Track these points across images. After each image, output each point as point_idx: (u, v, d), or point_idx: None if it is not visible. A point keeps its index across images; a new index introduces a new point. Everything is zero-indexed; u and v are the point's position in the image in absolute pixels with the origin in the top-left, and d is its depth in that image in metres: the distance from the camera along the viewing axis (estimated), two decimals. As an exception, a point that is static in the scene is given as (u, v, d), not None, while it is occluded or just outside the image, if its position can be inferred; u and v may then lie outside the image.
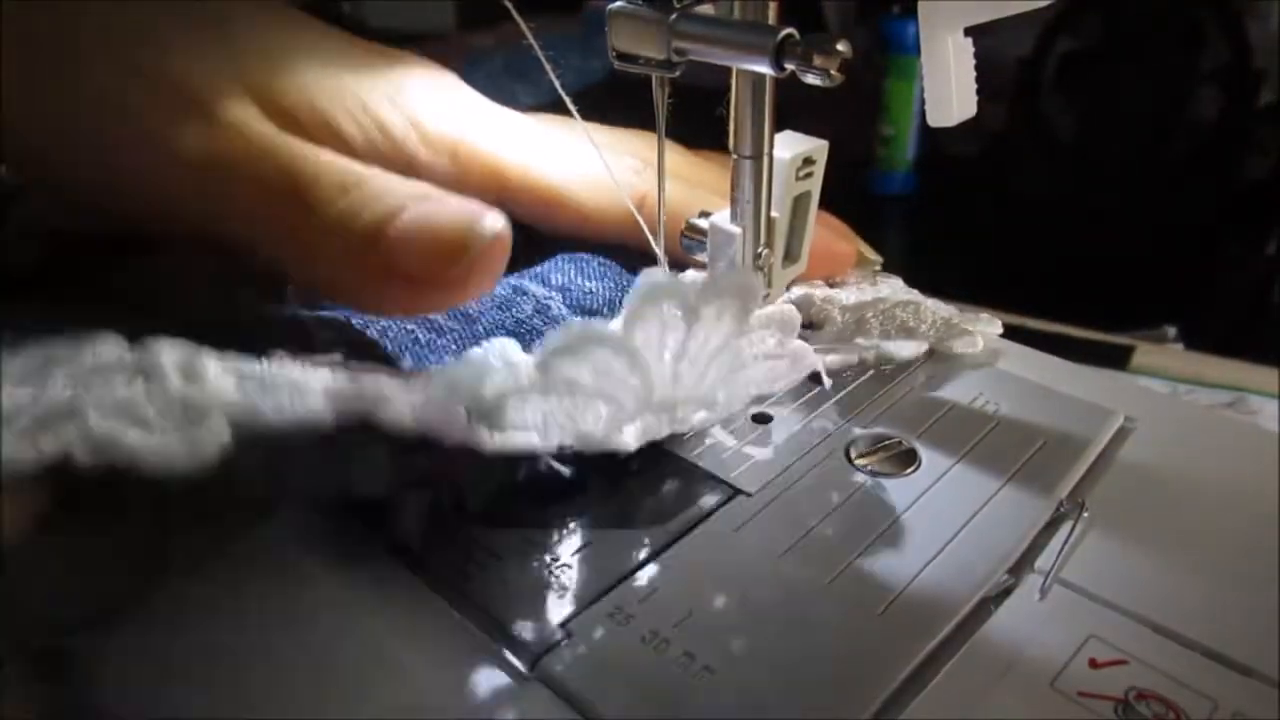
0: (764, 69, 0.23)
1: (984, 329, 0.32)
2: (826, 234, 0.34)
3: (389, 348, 0.29)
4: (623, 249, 0.33)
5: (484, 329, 0.30)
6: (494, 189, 0.33)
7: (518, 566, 0.23)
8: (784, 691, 0.20)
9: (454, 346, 0.29)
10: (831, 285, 0.35)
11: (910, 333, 0.31)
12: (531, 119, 0.35)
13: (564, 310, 0.32)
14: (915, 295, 0.34)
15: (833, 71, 0.22)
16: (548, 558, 0.24)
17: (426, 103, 0.32)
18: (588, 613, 0.22)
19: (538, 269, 0.33)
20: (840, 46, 0.22)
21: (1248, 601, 0.22)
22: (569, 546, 0.24)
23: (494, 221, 0.26)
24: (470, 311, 0.31)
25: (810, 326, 0.32)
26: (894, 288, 0.35)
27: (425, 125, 0.32)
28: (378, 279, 0.26)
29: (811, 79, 0.23)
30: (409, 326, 0.30)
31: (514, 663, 0.21)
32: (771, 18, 0.25)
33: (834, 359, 0.30)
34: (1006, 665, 0.21)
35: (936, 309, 0.33)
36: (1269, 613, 0.22)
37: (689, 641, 0.21)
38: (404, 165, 0.32)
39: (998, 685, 0.20)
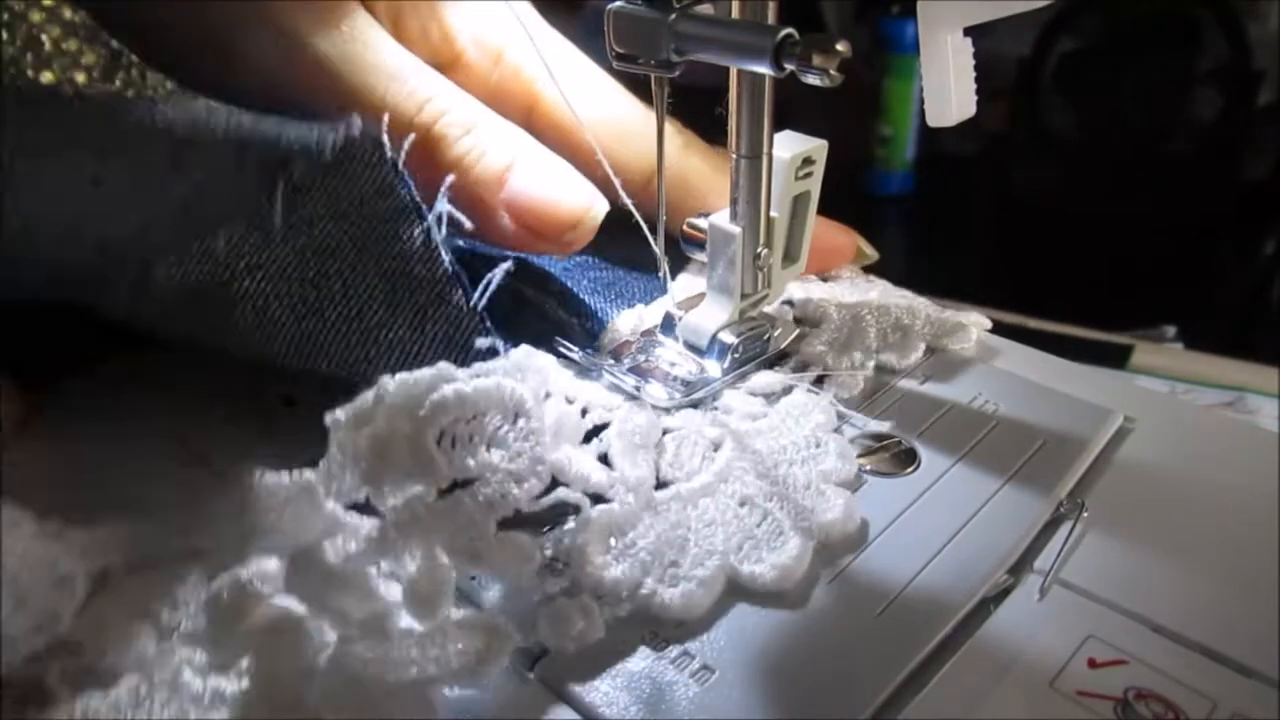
0: (764, 69, 0.23)
1: (975, 320, 0.33)
2: (825, 227, 0.34)
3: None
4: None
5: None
6: (523, 109, 0.34)
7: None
8: (784, 691, 0.20)
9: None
10: (825, 280, 0.35)
11: (905, 331, 0.31)
12: (584, 58, 0.35)
13: (561, 314, 0.31)
14: (906, 294, 0.34)
15: (832, 71, 0.22)
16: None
17: (485, 6, 0.34)
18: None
19: (536, 274, 0.33)
20: (840, 46, 0.22)
21: (1247, 601, 0.22)
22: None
23: (602, 205, 0.30)
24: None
25: (807, 324, 0.32)
26: (884, 289, 0.35)
27: (479, 26, 0.33)
28: (492, 217, 0.30)
29: (811, 79, 0.23)
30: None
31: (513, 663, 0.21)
32: (770, 17, 0.25)
33: (840, 381, 0.30)
34: (1006, 665, 0.21)
35: (928, 304, 0.33)
36: (1269, 613, 0.22)
37: (689, 642, 0.21)
38: (450, 59, 0.33)
39: (997, 685, 0.20)
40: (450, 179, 0.27)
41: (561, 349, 0.30)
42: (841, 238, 0.36)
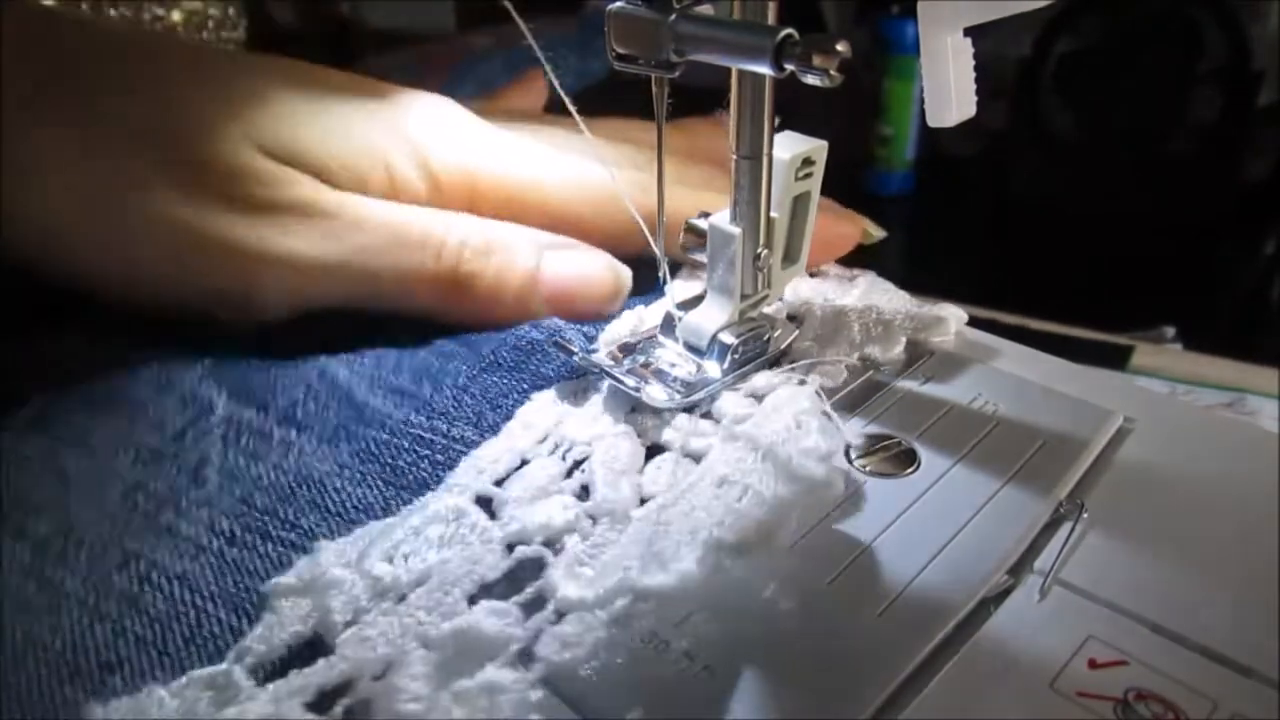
0: (764, 69, 0.23)
1: (952, 313, 0.33)
2: (827, 217, 0.34)
3: (406, 381, 0.29)
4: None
5: (489, 350, 0.31)
6: (466, 195, 0.34)
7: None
8: (784, 691, 0.20)
9: (464, 368, 0.30)
10: (812, 275, 0.35)
11: (887, 325, 0.31)
12: (510, 131, 0.35)
13: (558, 319, 0.32)
14: (888, 286, 0.34)
15: (832, 71, 0.22)
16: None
17: (432, 142, 0.33)
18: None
19: None
20: (840, 47, 0.22)
21: (1248, 601, 0.22)
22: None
23: (626, 272, 0.32)
24: (472, 335, 0.31)
25: (795, 320, 0.32)
26: (868, 284, 0.35)
27: (433, 164, 0.33)
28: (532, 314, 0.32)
29: (811, 79, 0.23)
30: (420, 352, 0.30)
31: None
32: (770, 18, 0.25)
33: (823, 371, 0.29)
34: (1006, 666, 0.21)
35: (908, 299, 0.33)
36: (1269, 613, 0.22)
37: (689, 642, 0.21)
38: (389, 190, 0.33)
39: (997, 686, 0.20)
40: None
41: (561, 346, 0.30)
42: (844, 225, 0.36)
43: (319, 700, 0.20)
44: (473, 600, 0.22)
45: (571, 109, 0.29)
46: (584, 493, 0.25)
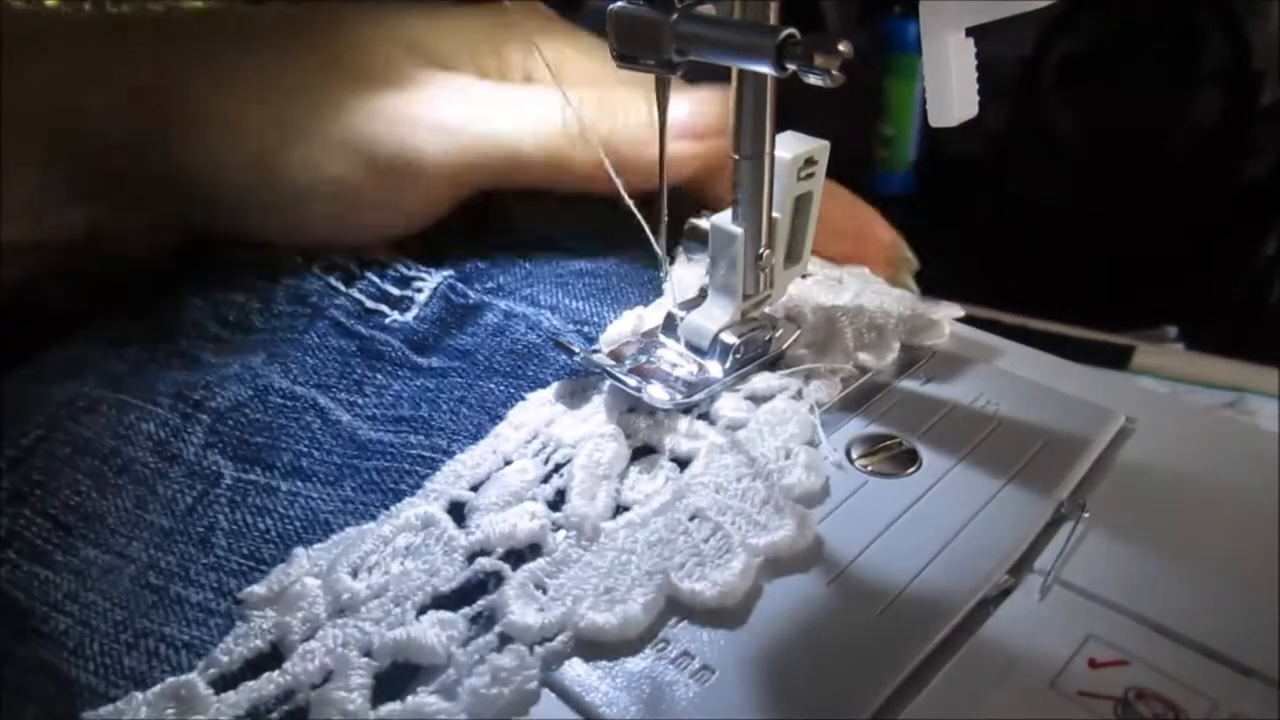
0: (766, 69, 0.23)
1: (945, 314, 0.33)
2: (877, 223, 0.36)
3: (406, 409, 0.29)
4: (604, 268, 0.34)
5: (484, 358, 0.31)
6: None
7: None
8: (784, 691, 0.20)
9: (461, 381, 0.30)
10: (804, 276, 0.35)
11: (880, 330, 0.31)
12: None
13: (556, 323, 0.32)
14: (880, 286, 0.34)
15: (834, 71, 0.22)
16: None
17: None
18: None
19: (525, 292, 0.33)
20: (842, 46, 0.22)
21: (1248, 601, 0.22)
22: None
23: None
24: (467, 347, 0.31)
25: (792, 322, 0.32)
26: (859, 284, 0.35)
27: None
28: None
29: (813, 79, 0.23)
30: (417, 379, 0.30)
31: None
32: (772, 17, 0.25)
33: (817, 385, 0.29)
34: (1006, 665, 0.21)
35: (900, 301, 0.33)
36: (1269, 613, 0.22)
37: (689, 642, 0.21)
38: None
39: (998, 685, 0.20)
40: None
41: (562, 346, 0.30)
42: (887, 234, 0.36)
43: (259, 711, 0.21)
44: (423, 611, 0.22)
45: (571, 105, 0.29)
46: (559, 498, 0.25)
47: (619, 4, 0.25)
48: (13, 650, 0.24)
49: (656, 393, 0.28)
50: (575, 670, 0.21)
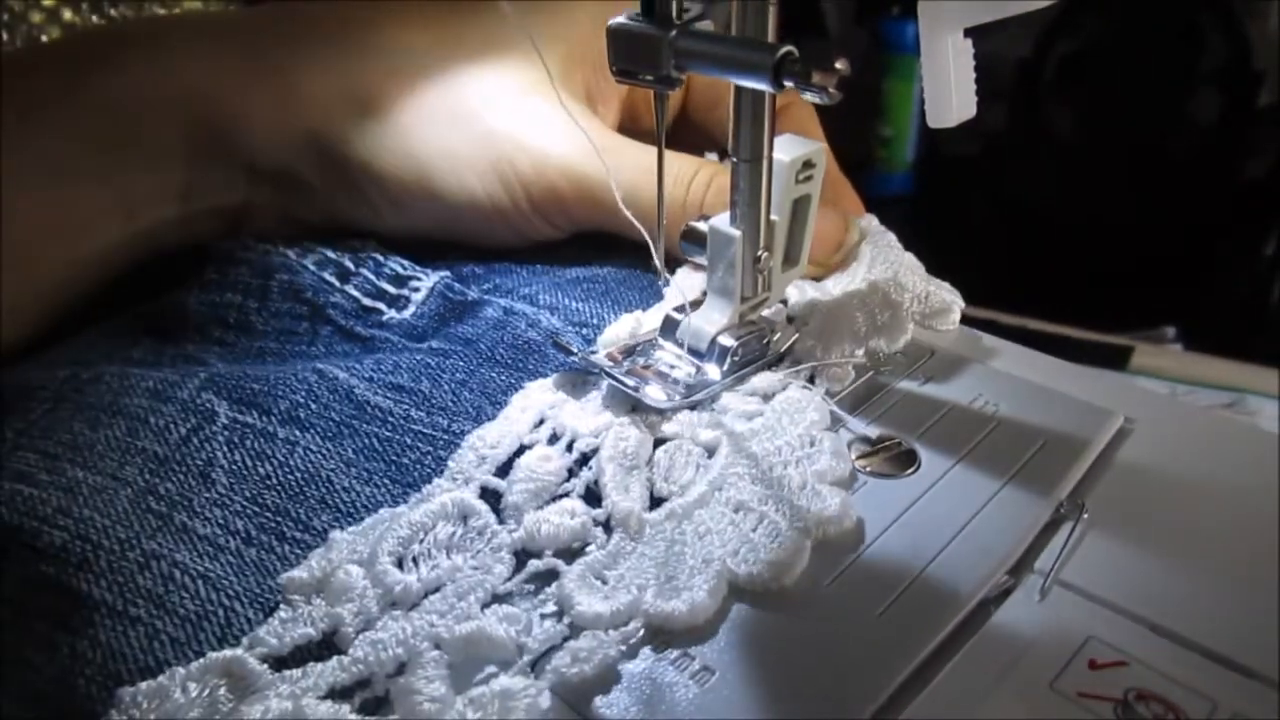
0: (763, 86, 0.23)
1: (953, 299, 0.32)
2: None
3: (405, 379, 0.29)
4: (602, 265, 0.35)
5: (486, 347, 0.31)
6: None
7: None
8: (784, 691, 0.20)
9: (463, 365, 0.30)
10: (818, 280, 0.35)
11: (895, 309, 0.31)
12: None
13: (555, 322, 0.32)
14: (894, 251, 0.34)
15: (831, 89, 0.22)
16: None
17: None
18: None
19: (524, 292, 0.34)
20: (839, 65, 0.22)
21: (1248, 601, 0.22)
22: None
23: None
24: (468, 335, 0.31)
25: (800, 322, 0.32)
26: (871, 256, 0.34)
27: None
28: None
29: (810, 96, 0.23)
30: (417, 354, 0.30)
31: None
32: (771, 19, 0.25)
33: (828, 375, 0.29)
34: (1006, 666, 0.21)
35: (914, 269, 0.33)
36: (1269, 613, 0.22)
37: (689, 642, 0.21)
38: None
39: (998, 686, 0.20)
40: None
41: (561, 346, 0.30)
42: (823, 223, 0.36)
43: (334, 694, 0.21)
44: (484, 606, 0.22)
45: (570, 112, 0.29)
46: (590, 492, 0.25)
47: (618, 20, 0.25)
48: (6, 568, 0.23)
49: (654, 393, 0.28)
50: (575, 670, 0.21)
